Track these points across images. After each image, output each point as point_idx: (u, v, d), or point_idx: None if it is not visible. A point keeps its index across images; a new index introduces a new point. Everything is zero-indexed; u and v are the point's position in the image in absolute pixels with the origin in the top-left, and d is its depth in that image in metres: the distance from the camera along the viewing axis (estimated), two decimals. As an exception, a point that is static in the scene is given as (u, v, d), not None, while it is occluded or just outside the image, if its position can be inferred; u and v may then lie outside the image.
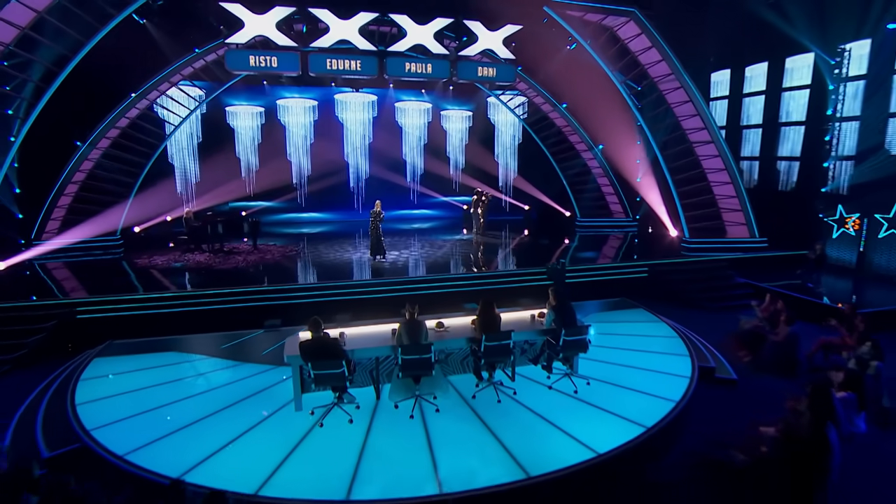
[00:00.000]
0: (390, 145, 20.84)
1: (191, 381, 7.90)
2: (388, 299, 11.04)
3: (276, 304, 10.92)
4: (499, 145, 22.03)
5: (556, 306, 7.53)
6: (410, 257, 13.77)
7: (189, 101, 17.02)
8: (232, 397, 7.32)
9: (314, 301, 11.05)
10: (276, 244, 16.14)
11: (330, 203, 20.65)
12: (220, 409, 7.00)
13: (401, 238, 16.58)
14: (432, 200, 21.81)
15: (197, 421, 6.71)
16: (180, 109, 16.81)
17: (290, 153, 20.36)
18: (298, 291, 11.27)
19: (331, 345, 6.54)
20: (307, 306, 10.84)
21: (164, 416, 6.78)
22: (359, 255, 14.20)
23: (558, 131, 18.86)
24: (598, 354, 8.13)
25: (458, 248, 14.85)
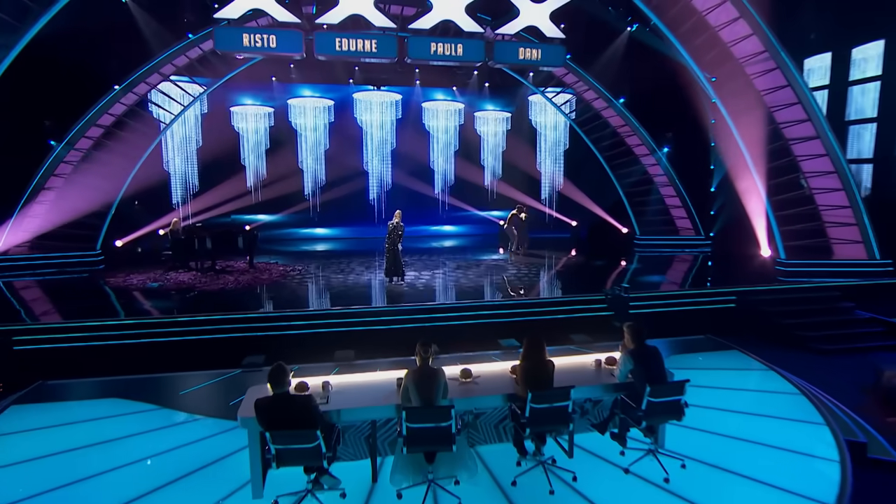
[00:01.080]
0: (416, 151, 19.96)
1: (129, 443, 6.12)
2: (402, 332, 9.42)
3: (260, 335, 9.31)
4: (542, 151, 20.68)
5: (636, 351, 5.39)
6: (435, 280, 12.42)
7: (186, 98, 15.86)
8: (177, 468, 5.64)
9: (308, 333, 9.46)
10: (278, 262, 14.90)
11: (346, 217, 19.76)
12: (156, 489, 5.25)
13: (426, 258, 15.36)
14: (464, 215, 20.79)
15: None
16: (175, 107, 15.68)
17: (302, 160, 19.60)
18: (289, 321, 9.61)
19: (299, 406, 4.52)
20: (299, 339, 9.28)
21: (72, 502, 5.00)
22: (372, 276, 12.90)
23: (613, 133, 17.13)
24: (691, 417, 5.83)
25: (492, 269, 13.52)
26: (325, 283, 12.41)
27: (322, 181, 19.67)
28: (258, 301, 10.78)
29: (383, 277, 12.13)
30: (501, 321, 10.01)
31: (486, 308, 10.31)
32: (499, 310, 10.33)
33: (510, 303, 10.57)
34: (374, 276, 12.81)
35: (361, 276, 13.09)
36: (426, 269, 13.64)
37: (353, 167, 19.54)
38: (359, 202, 19.79)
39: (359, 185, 19.73)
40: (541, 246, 16.87)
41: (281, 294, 11.42)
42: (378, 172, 19.99)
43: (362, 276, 12.97)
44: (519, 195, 19.56)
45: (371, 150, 19.85)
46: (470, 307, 10.24)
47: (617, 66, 15.48)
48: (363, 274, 13.29)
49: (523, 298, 10.72)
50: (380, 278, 12.52)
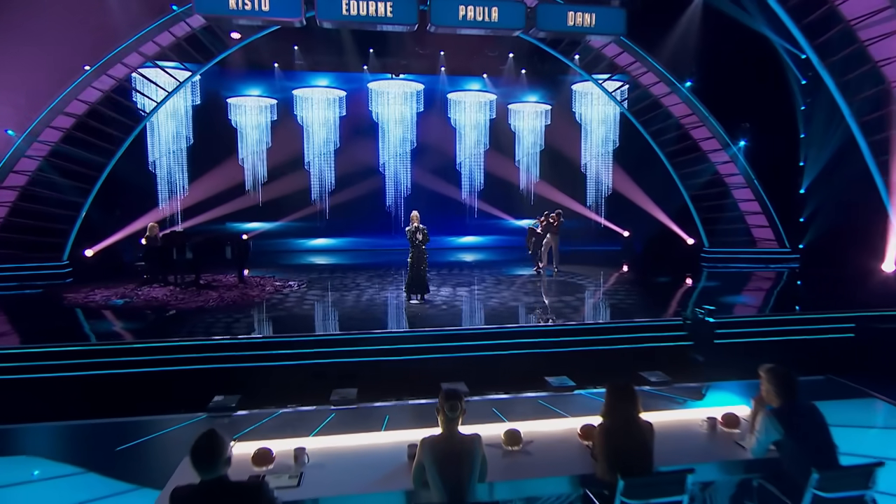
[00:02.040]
0: (440, 150, 19.16)
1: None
2: (422, 364, 7.98)
3: (237, 367, 7.84)
4: (588, 149, 19.38)
5: (785, 411, 3.63)
6: (462, 299, 11.16)
7: (172, 85, 14.73)
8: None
9: (299, 365, 7.97)
10: (274, 276, 13.69)
11: (358, 226, 18.89)
12: None
13: (451, 273, 14.34)
14: (495, 223, 19.84)
15: None
16: (161, 96, 14.64)
17: (309, 160, 18.74)
18: (276, 349, 8.15)
19: (240, 501, 2.77)
20: (287, 373, 7.79)
21: None
22: (389, 294, 11.69)
23: (676, 124, 15.71)
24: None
25: (530, 287, 12.37)
26: (329, 302, 11.18)
27: (331, 184, 18.89)
28: (242, 323, 9.39)
29: (402, 295, 10.98)
30: (547, 352, 8.56)
31: (526, 335, 8.84)
32: (543, 337, 8.85)
33: (558, 328, 9.07)
34: (390, 295, 11.67)
35: (374, 293, 11.88)
36: (452, 286, 12.55)
37: (368, 168, 18.71)
38: (373, 209, 18.90)
39: (374, 190, 18.86)
40: (585, 260, 15.67)
41: (271, 315, 10.16)
42: (396, 174, 19.17)
43: (375, 294, 11.79)
44: (560, 200, 18.63)
45: (388, 148, 19.03)
46: (506, 333, 8.81)
47: (683, 42, 14.05)
48: (377, 291, 12.12)
49: (573, 323, 9.23)
50: (397, 296, 11.38)
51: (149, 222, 13.06)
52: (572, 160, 19.43)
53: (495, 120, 19.40)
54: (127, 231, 14.97)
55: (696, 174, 15.82)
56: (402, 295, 11.03)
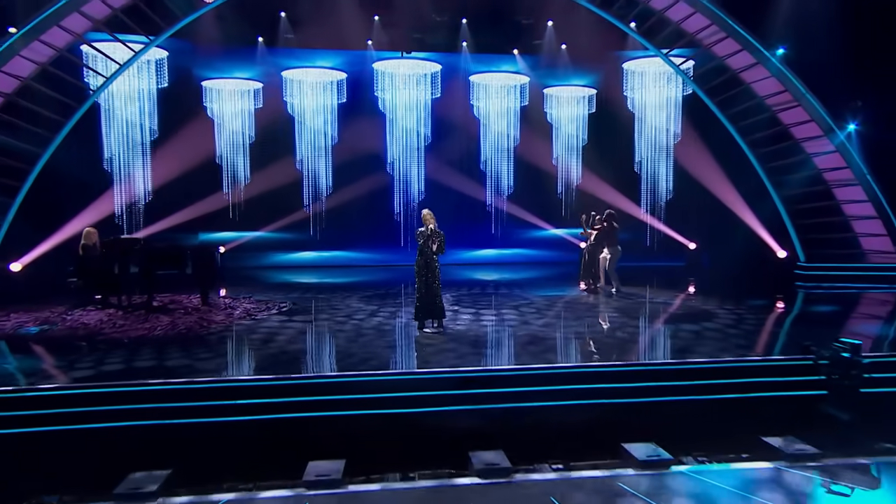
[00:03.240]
0: (461, 145, 18.73)
1: None
2: (437, 420, 6.42)
3: (172, 424, 6.08)
4: (642, 142, 18.22)
5: None
6: (489, 328, 9.88)
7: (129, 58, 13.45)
8: None
9: (260, 421, 6.29)
10: (251, 297, 12.51)
11: (360, 237, 18.47)
12: None
13: (474, 293, 13.58)
14: (529, 234, 19.50)
15: None
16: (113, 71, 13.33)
17: (301, 156, 18.02)
18: (223, 397, 6.43)
19: None
20: (245, 435, 6.16)
21: None
22: (394, 321, 10.50)
23: (760, 105, 14.37)
24: None
25: (577, 313, 11.25)
26: (315, 331, 9.80)
27: (328, 187, 18.20)
28: (189, 360, 7.82)
29: (412, 322, 9.71)
30: (618, 404, 6.83)
31: (585, 378, 7.15)
32: (610, 381, 7.15)
33: (631, 368, 7.44)
34: (396, 322, 10.48)
35: (376, 319, 10.55)
36: (475, 310, 11.44)
37: (372, 167, 18.12)
38: (378, 216, 18.45)
39: (379, 193, 18.39)
40: (640, 279, 14.61)
41: (234, 348, 8.79)
42: (406, 175, 18.46)
43: (377, 321, 10.43)
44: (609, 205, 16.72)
45: (397, 142, 18.24)
46: (556, 377, 7.12)
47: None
48: (379, 317, 10.80)
49: (655, 363, 7.73)
50: (404, 323, 10.21)
51: (86, 227, 11.54)
52: (623, 156, 18.42)
53: (528, 108, 18.66)
54: (66, 237, 13.74)
55: (788, 168, 14.65)
56: (411, 321, 9.77)
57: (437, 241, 9.05)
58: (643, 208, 18.34)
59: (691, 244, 17.93)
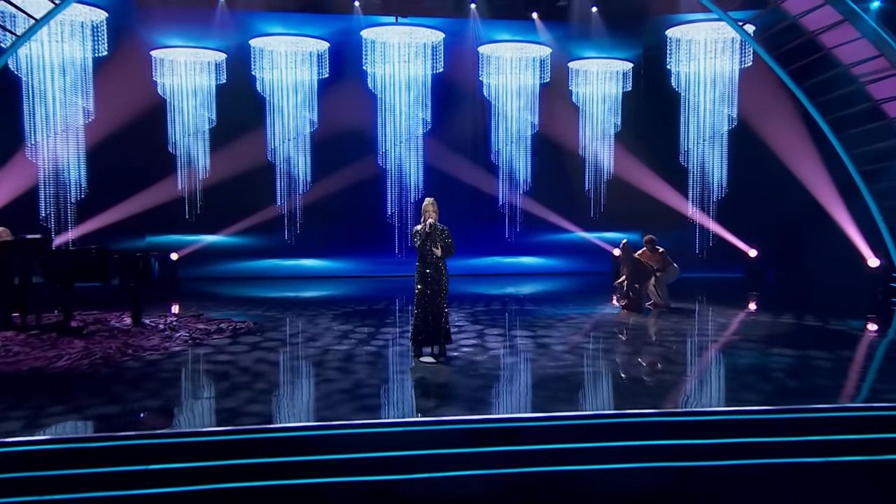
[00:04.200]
0: (468, 131, 18.56)
1: None
2: (441, 488, 5.67)
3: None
4: (689, 125, 17.54)
5: None
6: (506, 358, 9.35)
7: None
8: None
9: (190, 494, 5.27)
10: (202, 315, 11.92)
11: (347, 241, 18.24)
12: None
13: (484, 312, 13.05)
14: (549, 239, 19.18)
15: None
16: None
17: (273, 144, 17.52)
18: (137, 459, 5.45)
19: None
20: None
21: None
22: (385, 347, 9.96)
23: (845, 77, 13.55)
24: None
25: (614, 337, 10.92)
26: (282, 362, 9.02)
27: (306, 181, 17.66)
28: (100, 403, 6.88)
29: (410, 350, 8.94)
30: (692, 467, 5.93)
31: (646, 429, 6.34)
32: (683, 435, 6.30)
33: (707, 419, 6.63)
34: (388, 347, 9.90)
35: (361, 345, 9.87)
36: (490, 332, 10.89)
37: (361, 159, 17.72)
38: (369, 218, 18.12)
39: (369, 190, 18.00)
40: (687, 292, 14.04)
41: (165, 385, 7.71)
42: (402, 169, 17.96)
43: (365, 345, 9.84)
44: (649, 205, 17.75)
45: (391, 129, 17.68)
46: (604, 427, 6.36)
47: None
48: (370, 339, 10.24)
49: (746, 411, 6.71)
50: (399, 351, 9.57)
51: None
52: (666, 145, 17.79)
53: (550, 85, 18.10)
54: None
55: (881, 154, 13.79)
56: (406, 347, 9.16)
57: (440, 240, 8.01)
58: (691, 208, 17.73)
59: (751, 251, 17.33)
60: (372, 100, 17.40)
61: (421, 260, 8.04)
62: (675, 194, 17.84)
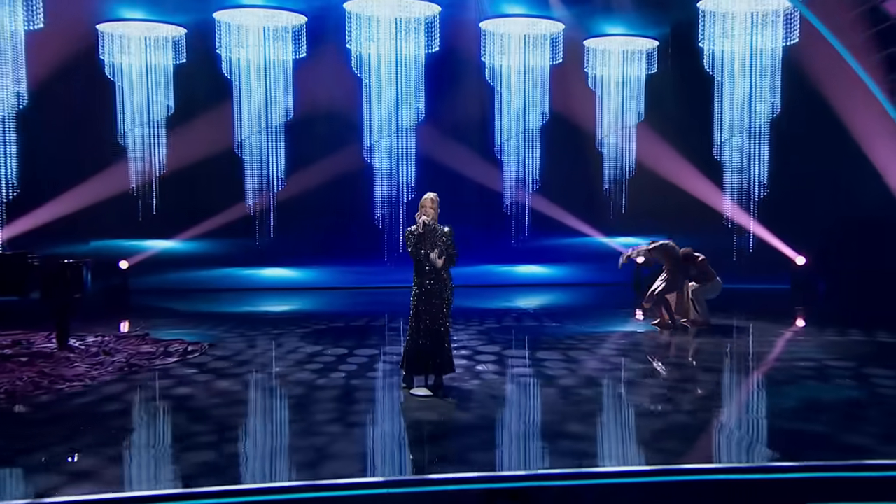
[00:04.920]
0: (469, 121, 18.46)
1: None
2: None
3: None
4: (724, 113, 16.95)
5: None
6: (524, 390, 8.86)
7: None
8: None
9: None
10: (148, 335, 11.52)
11: (327, 249, 18.13)
12: None
13: (492, 327, 12.87)
14: (564, 244, 19.02)
15: None
16: None
17: (241, 135, 17.06)
18: None
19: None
20: None
21: None
22: (372, 378, 9.22)
23: None
24: None
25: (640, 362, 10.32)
26: (231, 397, 8.12)
27: (279, 178, 17.30)
28: None
29: (400, 376, 8.54)
30: None
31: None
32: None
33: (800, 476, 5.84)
34: (376, 379, 9.16)
35: (342, 376, 9.09)
36: (497, 353, 10.46)
37: (344, 153, 17.50)
38: (353, 221, 18.07)
39: (353, 188, 17.84)
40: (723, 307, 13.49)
41: (69, 433, 6.77)
42: (392, 165, 17.48)
43: (344, 379, 8.97)
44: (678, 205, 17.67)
45: (378, 117, 17.14)
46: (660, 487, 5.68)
47: None
48: (348, 371, 9.36)
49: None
50: (386, 383, 9.03)
51: None
52: (697, 136, 17.45)
53: (563, 67, 17.62)
54: None
55: None
56: (395, 379, 8.64)
57: (439, 244, 7.49)
58: (727, 209, 17.22)
59: (798, 258, 17.02)
60: (356, 84, 16.88)
61: (419, 270, 7.56)
62: (708, 193, 17.47)
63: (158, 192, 16.75)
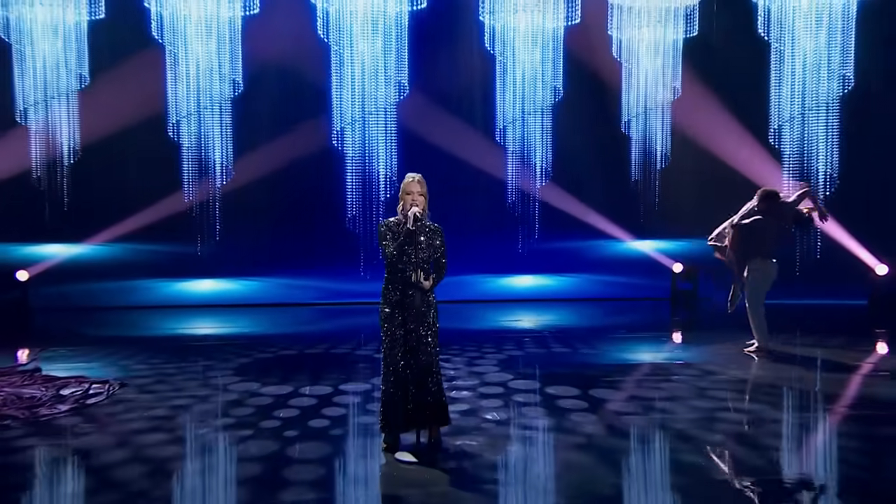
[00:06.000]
0: (464, 97, 17.86)
1: None
2: None
3: None
4: (782, 89, 16.39)
5: None
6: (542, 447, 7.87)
7: None
8: None
9: None
10: (40, 369, 10.67)
11: (284, 256, 17.30)
12: None
13: (494, 350, 12.29)
14: (584, 247, 18.17)
15: None
16: None
17: (176, 113, 16.29)
18: None
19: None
20: None
21: None
22: (329, 425, 8.26)
23: None
24: None
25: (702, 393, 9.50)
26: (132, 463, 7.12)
27: (225, 168, 16.58)
28: None
29: (370, 432, 8.03)
30: None
31: None
32: None
33: None
34: (342, 437, 8.14)
35: (291, 434, 8.08)
36: (506, 393, 9.72)
37: (306, 138, 16.82)
38: (319, 222, 17.38)
39: (318, 183, 17.34)
40: (786, 326, 13.27)
41: None
42: (366, 151, 16.95)
43: (295, 436, 8.04)
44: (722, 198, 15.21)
45: (349, 93, 16.56)
46: None
47: None
48: (297, 424, 8.40)
49: None
50: (362, 446, 8.12)
51: None
52: (747, 117, 16.82)
53: (581, 30, 16.74)
54: None
55: None
56: (375, 440, 7.71)
57: (423, 254, 6.75)
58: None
59: (880, 266, 16.09)
60: (323, 50, 16.13)
61: (392, 278, 6.68)
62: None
63: (69, 184, 15.70)
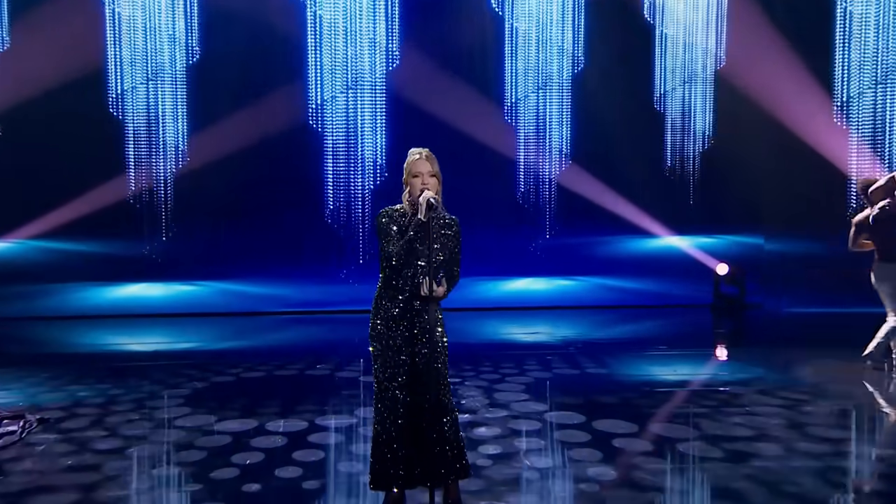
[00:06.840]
0: (466, 68, 17.24)
1: None
2: None
3: None
4: (846, 56, 16.32)
5: None
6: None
7: None
8: None
9: None
10: None
11: (252, 256, 16.79)
12: None
13: (519, 379, 11.02)
14: (608, 246, 17.67)
15: None
16: None
17: (123, 86, 15.92)
18: None
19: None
20: None
21: None
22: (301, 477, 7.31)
23: None
24: None
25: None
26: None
27: (180, 151, 16.11)
28: None
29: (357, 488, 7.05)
30: None
31: None
32: None
33: None
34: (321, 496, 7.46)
35: (253, 489, 7.14)
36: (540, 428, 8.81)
37: (278, 114, 16.32)
38: (293, 216, 16.68)
39: (292, 169, 16.71)
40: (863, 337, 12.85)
41: None
42: (351, 133, 16.67)
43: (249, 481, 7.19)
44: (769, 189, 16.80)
45: (329, 64, 16.33)
46: None
47: None
48: (263, 474, 7.45)
49: None
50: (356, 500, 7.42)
51: None
52: (806, 91, 16.21)
53: None
54: None
55: None
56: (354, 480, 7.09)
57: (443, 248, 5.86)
58: (851, 198, 16.21)
59: None
60: (298, 12, 15.82)
61: (389, 285, 5.94)
62: (829, 173, 16.21)
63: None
